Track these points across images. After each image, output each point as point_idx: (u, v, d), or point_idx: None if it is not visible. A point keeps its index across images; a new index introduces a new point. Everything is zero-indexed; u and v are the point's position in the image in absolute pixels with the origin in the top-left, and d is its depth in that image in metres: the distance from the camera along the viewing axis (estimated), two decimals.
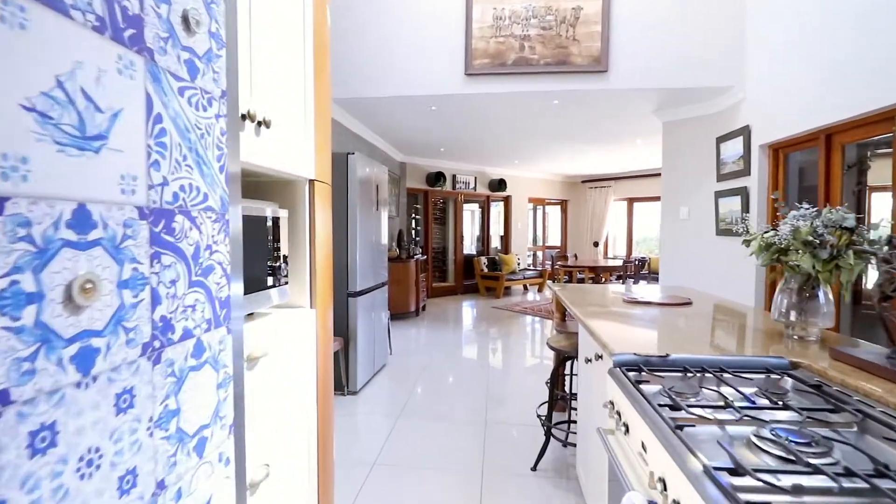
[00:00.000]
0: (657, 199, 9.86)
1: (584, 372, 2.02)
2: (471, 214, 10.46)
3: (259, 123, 1.11)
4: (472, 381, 3.83)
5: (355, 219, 3.40)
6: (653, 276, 8.31)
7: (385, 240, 4.23)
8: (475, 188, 8.98)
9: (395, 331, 5.59)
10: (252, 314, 1.27)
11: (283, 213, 1.34)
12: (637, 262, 6.97)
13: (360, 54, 4.26)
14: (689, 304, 2.36)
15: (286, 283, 1.33)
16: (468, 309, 7.55)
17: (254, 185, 1.42)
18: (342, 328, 3.46)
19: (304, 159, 1.38)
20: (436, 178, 8.16)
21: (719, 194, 4.37)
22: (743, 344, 1.62)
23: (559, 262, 7.75)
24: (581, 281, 6.98)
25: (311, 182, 1.46)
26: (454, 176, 8.61)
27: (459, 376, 3.99)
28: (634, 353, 1.42)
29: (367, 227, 3.70)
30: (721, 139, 4.33)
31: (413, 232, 9.51)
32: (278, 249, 1.31)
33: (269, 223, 1.26)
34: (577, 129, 5.66)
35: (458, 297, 8.58)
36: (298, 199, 1.44)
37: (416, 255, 6.91)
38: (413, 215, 9.32)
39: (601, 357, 1.66)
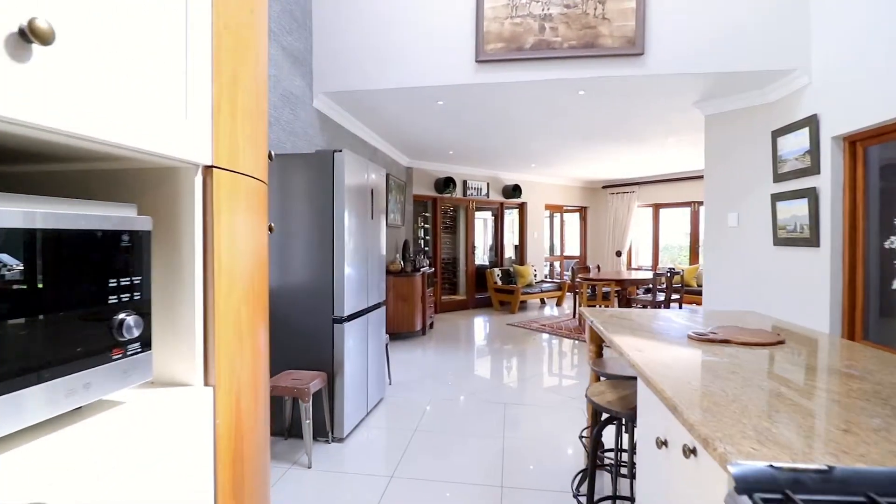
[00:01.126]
0: (687, 204, 9.22)
1: (652, 456, 1.38)
2: (483, 223, 9.86)
3: (29, 36, 0.52)
4: (486, 425, 3.19)
5: (343, 230, 2.81)
6: (687, 290, 7.58)
7: (384, 251, 3.64)
8: (488, 195, 8.37)
9: (397, 354, 4.98)
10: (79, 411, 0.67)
11: (142, 223, 0.75)
12: (668, 274, 6.29)
13: (356, 41, 3.71)
14: (781, 342, 1.71)
15: (141, 350, 0.74)
16: (480, 326, 6.91)
17: (85, 175, 0.84)
18: (325, 361, 2.86)
19: (181, 129, 0.79)
20: (445, 183, 7.58)
21: (777, 197, 3.69)
22: None
23: (581, 275, 7.08)
24: (606, 296, 6.30)
25: (208, 171, 0.87)
26: (465, 182, 8.02)
27: (470, 417, 3.36)
28: (770, 465, 0.79)
29: (360, 238, 3.11)
30: (779, 133, 3.67)
31: (422, 242, 8.94)
32: (132, 289, 0.72)
33: (113, 239, 0.67)
34: (604, 126, 5.03)
35: (469, 313, 7.95)
36: (182, 200, 0.85)
37: (423, 267, 6.31)
38: (421, 224, 8.74)
39: (694, 452, 1.03)
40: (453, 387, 3.97)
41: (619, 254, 9.70)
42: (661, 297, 6.50)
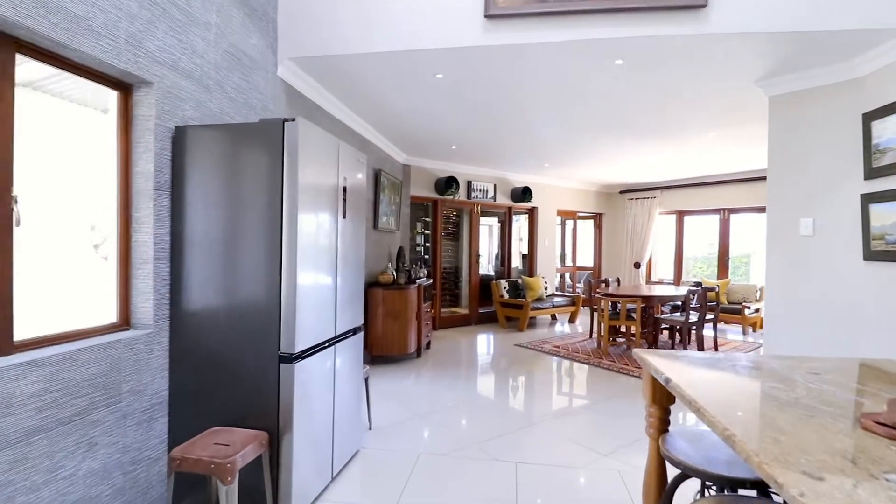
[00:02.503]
0: (715, 211, 8.32)
1: None
2: (488, 229, 9.04)
3: None
4: (491, 492, 2.35)
5: (296, 230, 2.00)
6: (725, 309, 6.71)
7: (362, 259, 2.82)
8: (494, 197, 7.55)
9: (384, 384, 4.14)
10: None
11: None
12: (702, 291, 5.44)
13: None
14: None
15: None
16: (484, 346, 6.06)
17: None
18: (267, 415, 2.03)
19: None
20: (446, 184, 6.76)
21: (870, 198, 2.86)
22: None
23: (600, 289, 6.22)
24: (630, 314, 5.45)
25: None
26: (469, 183, 7.21)
27: (470, 480, 2.51)
28: None
29: (327, 243, 2.30)
30: (874, 116, 2.84)
31: (422, 249, 8.13)
32: None
33: None
34: (639, 114, 4.21)
35: (471, 329, 7.09)
36: None
37: (421, 278, 5.49)
38: (421, 230, 7.94)
39: None
40: (450, 433, 3.13)
41: (637, 265, 8.84)
42: (692, 315, 5.63)
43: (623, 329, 5.89)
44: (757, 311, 7.01)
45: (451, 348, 5.74)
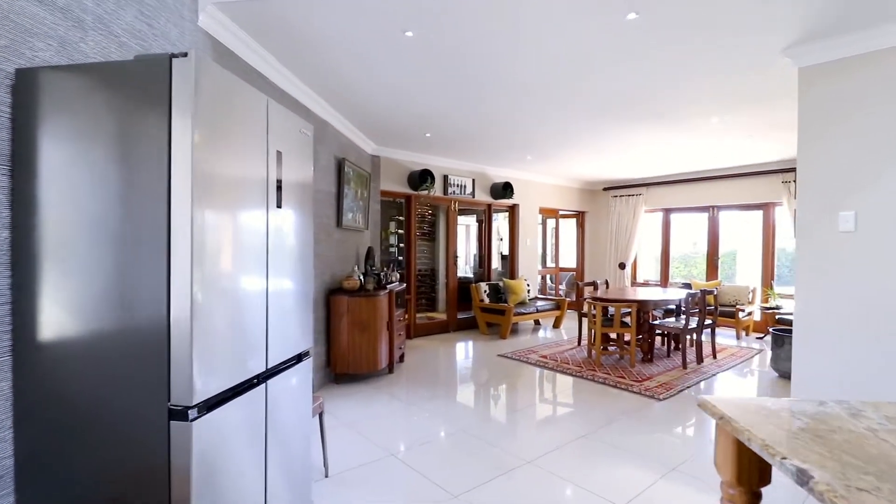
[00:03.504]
0: (703, 209, 7.92)
1: None
2: (465, 229, 8.46)
3: None
4: None
5: (191, 225, 1.33)
6: (722, 312, 6.31)
7: (308, 262, 2.17)
8: (473, 193, 6.97)
9: (350, 410, 3.48)
10: None
11: None
12: (699, 294, 4.99)
13: None
14: None
15: None
16: (464, 357, 5.45)
17: None
18: (154, 496, 1.36)
19: None
20: (421, 178, 6.13)
21: None
22: None
23: (589, 293, 5.72)
24: (623, 320, 4.95)
25: None
26: (445, 177, 6.60)
27: None
28: None
29: (250, 244, 1.64)
30: None
31: (395, 250, 7.49)
32: None
33: None
34: (643, 91, 3.68)
35: (450, 337, 6.48)
36: None
37: (393, 283, 4.85)
38: (395, 230, 7.30)
39: None
40: (426, 480, 2.50)
41: (622, 266, 8.41)
42: (691, 320, 5.17)
43: (613, 336, 5.39)
44: (749, 314, 6.65)
45: (427, 361, 5.11)
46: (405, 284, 5.27)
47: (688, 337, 4.94)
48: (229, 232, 1.51)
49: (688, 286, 7.37)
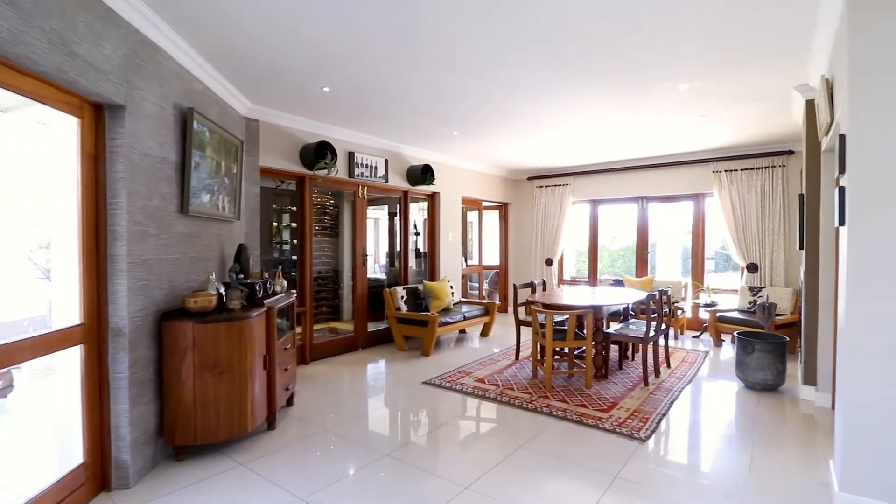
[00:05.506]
0: (633, 200, 7.42)
1: None
2: (374, 223, 7.15)
3: None
4: None
5: None
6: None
7: None
8: (386, 177, 5.67)
9: None
10: None
11: None
12: (659, 295, 4.29)
13: None
14: None
15: None
16: (379, 389, 4.17)
17: None
18: None
19: None
20: (318, 153, 4.69)
21: None
22: None
23: (529, 297, 4.75)
24: (559, 327, 4.00)
25: None
26: (351, 155, 5.22)
27: None
28: None
29: None
30: None
31: (286, 248, 5.95)
32: None
33: None
34: (614, 36, 2.70)
35: (358, 358, 5.14)
36: None
37: (278, 294, 3.41)
38: (287, 223, 5.79)
39: None
40: None
41: (549, 262, 7.70)
42: (630, 324, 4.44)
43: (563, 349, 4.47)
44: (683, 311, 6.23)
45: (328, 401, 3.74)
46: (295, 293, 3.85)
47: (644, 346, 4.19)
48: None
49: (620, 283, 6.83)
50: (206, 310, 2.67)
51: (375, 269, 7.14)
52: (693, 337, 6.08)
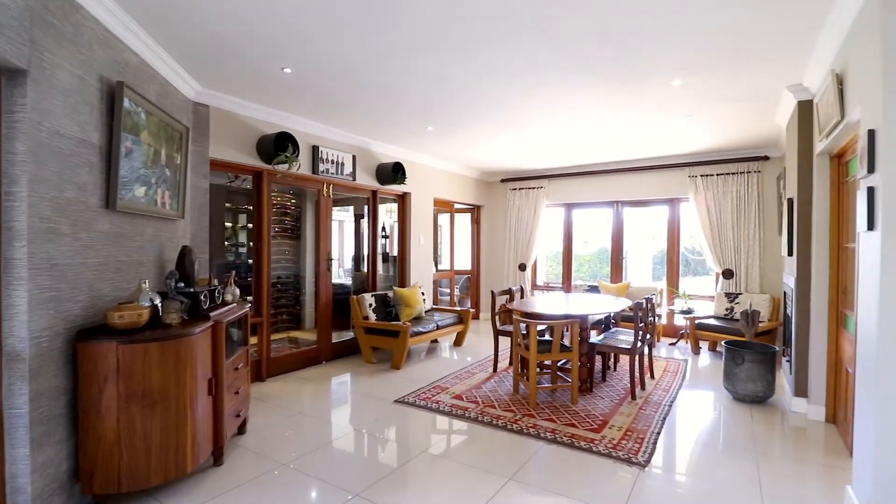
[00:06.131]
0: (609, 204, 7.23)
1: None
2: (339, 225, 6.70)
3: None
4: None
5: None
6: (628, 317, 5.52)
7: None
8: (353, 175, 5.24)
9: None
10: None
11: None
12: (646, 303, 4.09)
13: None
14: None
15: None
16: (344, 410, 3.73)
17: None
18: None
19: None
20: (278, 144, 4.22)
21: None
22: None
23: (509, 305, 4.45)
24: (542, 336, 3.73)
25: None
26: (316, 149, 4.77)
27: None
28: None
29: None
30: None
31: (241, 251, 5.43)
32: None
33: None
34: (616, 23, 2.43)
35: (322, 372, 4.67)
36: None
37: (229, 304, 2.94)
38: (243, 225, 5.30)
39: None
40: None
41: (522, 268, 7.46)
42: (614, 332, 4.23)
43: (546, 361, 4.19)
44: (659, 316, 6.11)
45: (286, 425, 3.28)
46: (250, 303, 3.38)
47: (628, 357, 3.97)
48: None
49: (595, 289, 6.66)
50: (135, 326, 2.19)
51: (340, 273, 6.68)
52: (669, 344, 5.97)
